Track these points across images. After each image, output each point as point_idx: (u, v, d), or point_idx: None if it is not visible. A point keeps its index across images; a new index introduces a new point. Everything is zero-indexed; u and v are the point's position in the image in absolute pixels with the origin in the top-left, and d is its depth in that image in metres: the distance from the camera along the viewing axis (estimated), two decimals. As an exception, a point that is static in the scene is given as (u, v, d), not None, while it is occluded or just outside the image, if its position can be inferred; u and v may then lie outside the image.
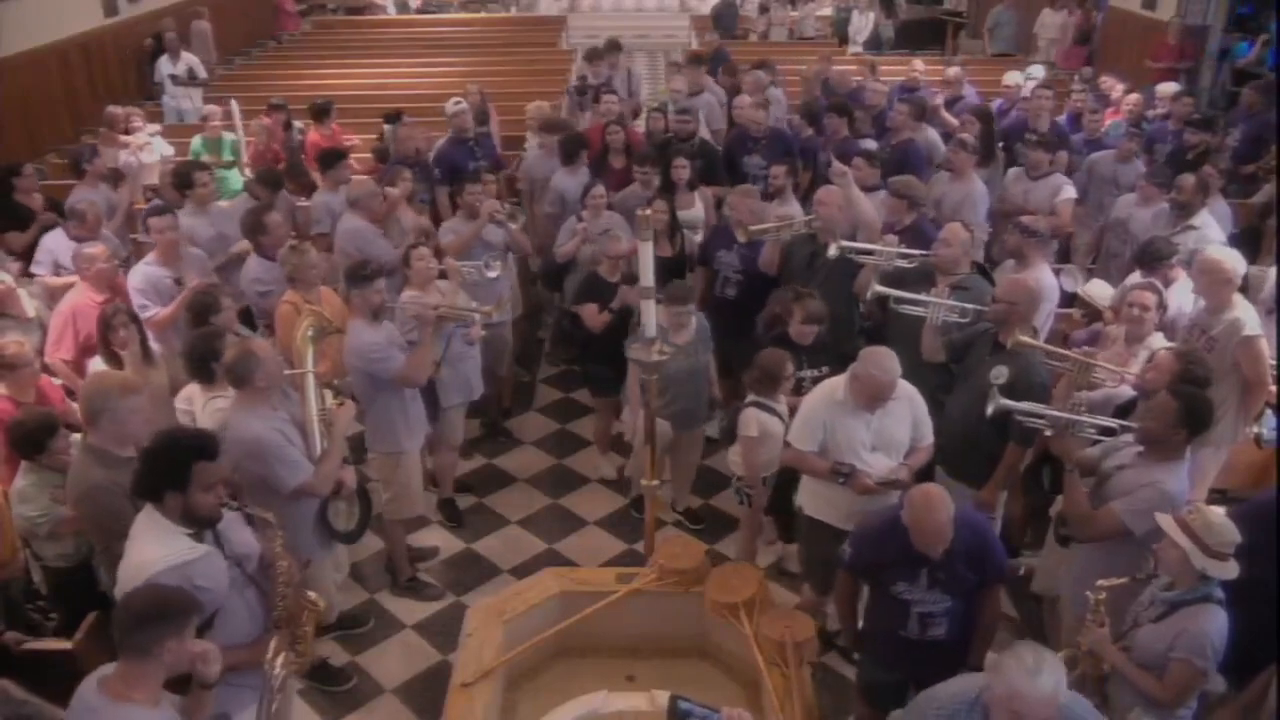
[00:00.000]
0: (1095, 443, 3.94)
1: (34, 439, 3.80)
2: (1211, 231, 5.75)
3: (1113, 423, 3.89)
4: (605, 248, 5.55)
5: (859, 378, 3.86)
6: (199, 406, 4.18)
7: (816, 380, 4.51)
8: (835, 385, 4.03)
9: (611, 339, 5.31)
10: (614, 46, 9.39)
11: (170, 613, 2.57)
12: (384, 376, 4.48)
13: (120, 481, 3.40)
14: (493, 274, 5.39)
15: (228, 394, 3.98)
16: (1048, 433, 3.90)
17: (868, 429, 3.95)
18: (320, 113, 8.13)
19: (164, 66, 11.11)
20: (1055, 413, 3.86)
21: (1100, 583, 3.32)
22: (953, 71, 9.07)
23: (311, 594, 3.47)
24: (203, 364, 4.10)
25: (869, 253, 4.98)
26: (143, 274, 5.26)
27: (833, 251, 4.94)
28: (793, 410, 4.41)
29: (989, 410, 3.94)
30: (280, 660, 3.05)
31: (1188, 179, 5.84)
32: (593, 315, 5.42)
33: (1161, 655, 3.11)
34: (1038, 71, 9.59)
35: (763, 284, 5.73)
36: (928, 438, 4.11)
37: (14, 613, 3.97)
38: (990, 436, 4.19)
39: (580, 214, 6.17)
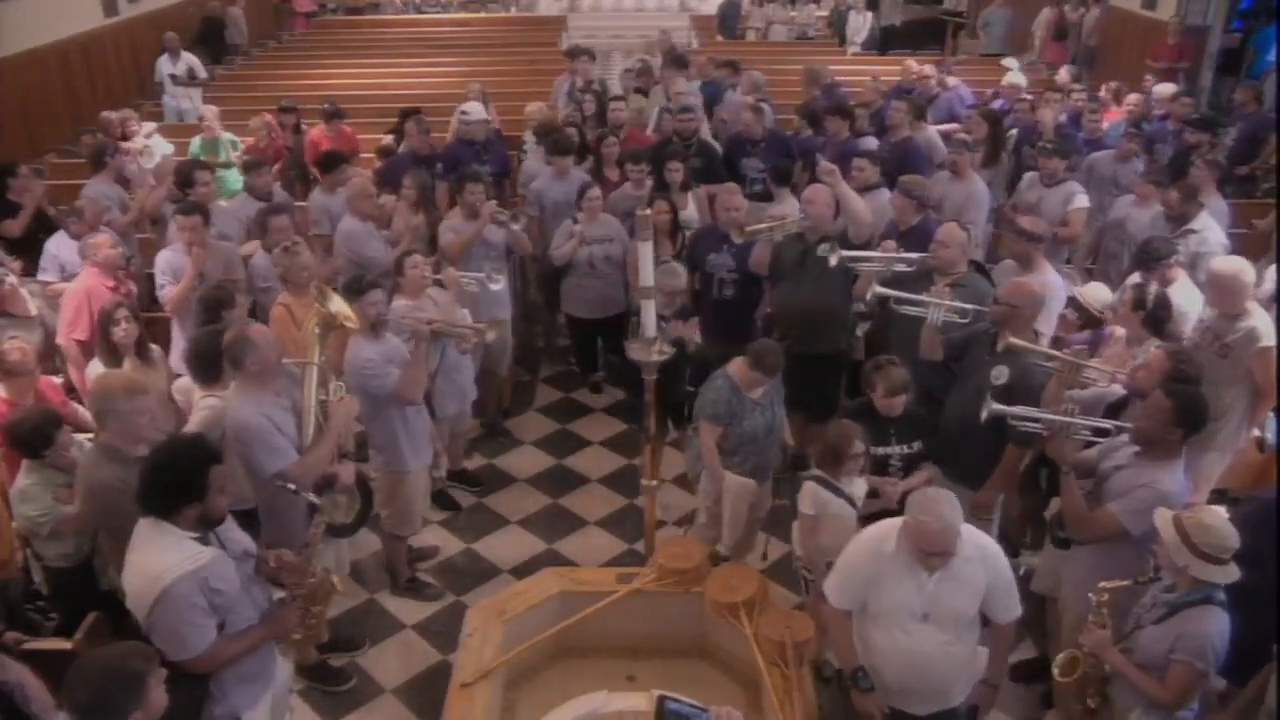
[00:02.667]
0: (1090, 444, 3.94)
1: (36, 436, 3.80)
2: (1212, 234, 5.74)
3: (1107, 424, 3.88)
4: (661, 283, 4.96)
5: (907, 525, 3.13)
6: (195, 399, 4.18)
7: (906, 458, 4.15)
8: (885, 532, 3.25)
9: (662, 375, 4.91)
10: (573, 52, 9.47)
11: (117, 699, 2.44)
12: (379, 394, 4.44)
13: (129, 480, 3.40)
14: (496, 286, 5.36)
15: (220, 395, 4.01)
16: (1045, 433, 3.90)
17: (920, 592, 3.15)
18: (331, 116, 8.15)
19: (164, 66, 11.11)
20: (1050, 416, 3.84)
21: (1102, 584, 3.32)
22: (926, 68, 9.11)
23: (335, 578, 3.51)
24: (206, 363, 4.08)
25: (867, 260, 4.98)
26: (167, 259, 5.37)
27: (834, 262, 4.92)
28: (873, 492, 3.98)
29: (983, 415, 3.93)
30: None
31: (1172, 194, 5.81)
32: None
33: (1162, 657, 3.11)
34: (1016, 71, 9.63)
35: (759, 283, 5.74)
36: (1005, 614, 3.27)
37: (14, 613, 3.97)
38: (989, 437, 4.18)
39: (576, 216, 6.18)
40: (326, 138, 8.05)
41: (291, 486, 3.60)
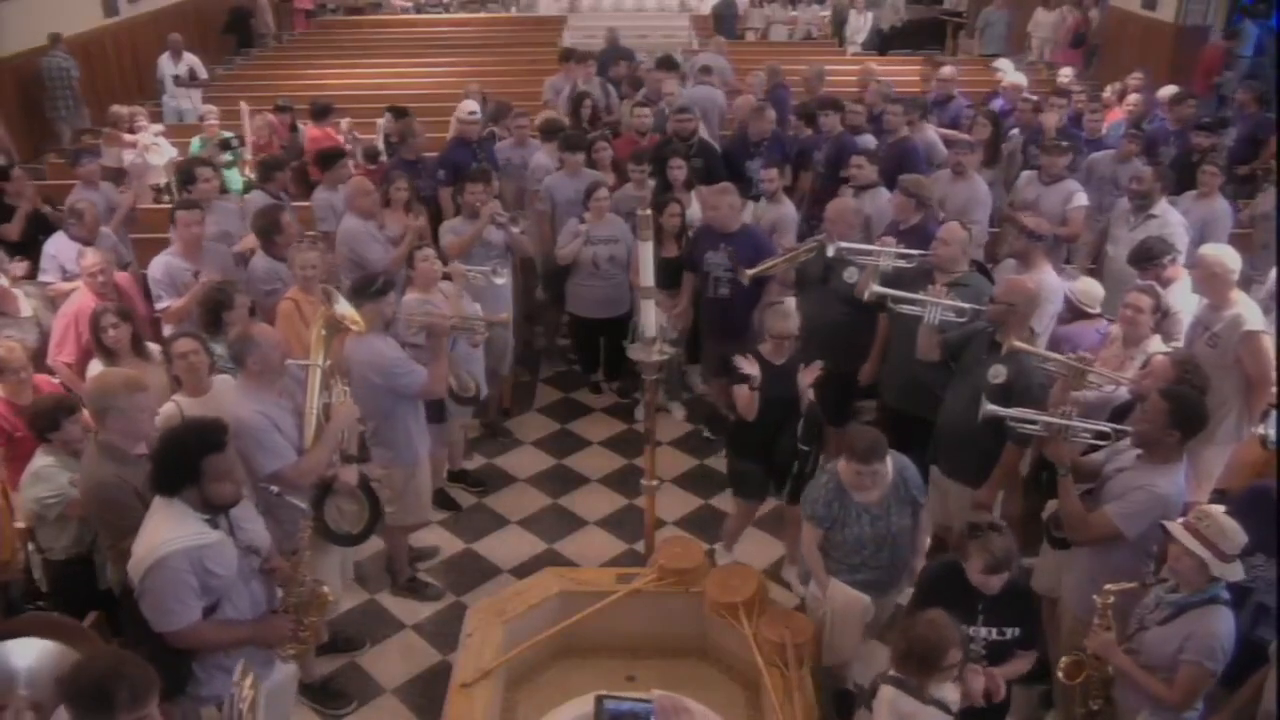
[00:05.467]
0: (1094, 448, 3.92)
1: (44, 419, 3.85)
2: (1172, 216, 5.80)
3: (1105, 426, 3.87)
4: (770, 325, 4.63)
5: None
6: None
7: (994, 645, 3.34)
8: None
9: (765, 431, 4.57)
10: (567, 55, 9.46)
11: (87, 702, 2.37)
12: (408, 392, 4.43)
13: (128, 479, 3.44)
14: (500, 280, 5.37)
15: (175, 400, 4.02)
16: (1044, 434, 3.89)
17: None
18: (320, 113, 8.14)
19: (166, 66, 11.10)
20: (1046, 418, 3.82)
21: (1108, 587, 3.31)
22: (946, 70, 9.07)
23: (325, 587, 3.50)
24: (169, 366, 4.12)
25: (868, 254, 4.97)
26: (163, 265, 5.31)
27: (830, 253, 4.91)
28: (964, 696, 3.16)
29: (979, 416, 3.92)
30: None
31: (1146, 170, 5.89)
32: (745, 398, 4.51)
33: (1170, 658, 3.10)
34: (1015, 72, 9.64)
35: (756, 282, 5.73)
36: None
37: (14, 612, 3.97)
38: (988, 435, 4.18)
39: (582, 215, 6.18)
40: (324, 134, 8.02)
41: (275, 489, 3.60)
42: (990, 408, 3.91)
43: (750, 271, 5.27)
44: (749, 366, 4.48)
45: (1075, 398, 4.16)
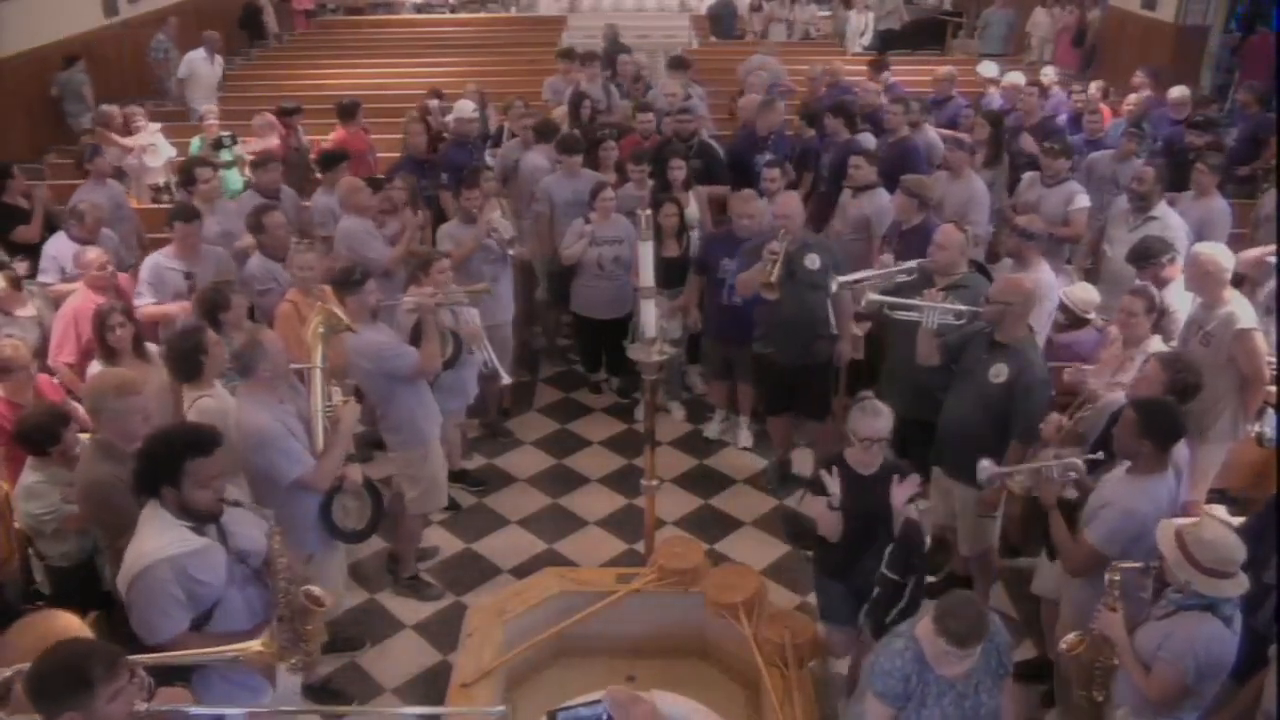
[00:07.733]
0: (1092, 462, 3.90)
1: (42, 433, 3.80)
2: (1172, 220, 5.80)
3: (1081, 461, 3.78)
4: (857, 426, 3.76)
5: None
6: (187, 404, 4.17)
7: None
8: None
9: (849, 550, 3.81)
10: (567, 54, 9.50)
11: (54, 689, 2.32)
12: (401, 373, 4.47)
13: (124, 478, 3.42)
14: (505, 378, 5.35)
15: (211, 392, 4.01)
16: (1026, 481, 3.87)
17: None
18: (346, 112, 8.10)
19: (200, 65, 10.88)
20: (1030, 465, 3.84)
21: (1116, 564, 3.31)
22: (944, 71, 9.08)
23: (316, 590, 3.43)
24: (184, 361, 4.05)
25: (867, 278, 4.96)
26: (152, 265, 5.34)
27: (834, 288, 4.89)
28: None
29: (978, 479, 3.90)
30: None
31: (1148, 170, 5.90)
32: (827, 518, 3.78)
33: (1151, 654, 3.11)
34: (991, 70, 9.67)
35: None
36: None
37: (9, 614, 3.97)
38: (990, 435, 4.18)
39: (588, 216, 6.17)
40: (350, 135, 7.95)
41: (233, 499, 3.56)
42: (988, 467, 3.85)
43: (771, 283, 5.08)
44: (832, 483, 3.76)
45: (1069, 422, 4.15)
